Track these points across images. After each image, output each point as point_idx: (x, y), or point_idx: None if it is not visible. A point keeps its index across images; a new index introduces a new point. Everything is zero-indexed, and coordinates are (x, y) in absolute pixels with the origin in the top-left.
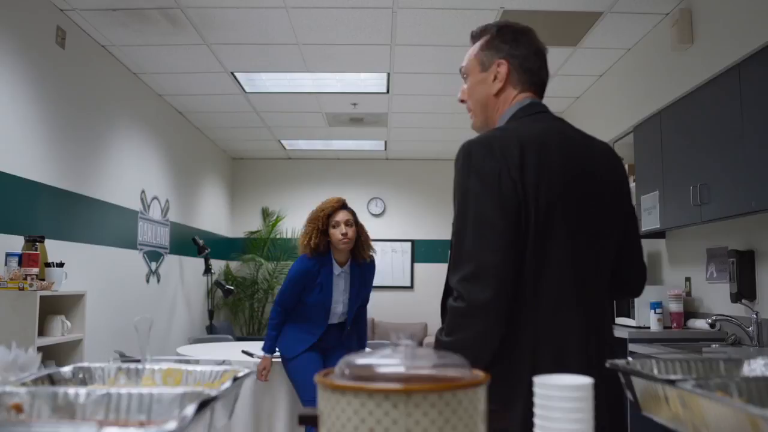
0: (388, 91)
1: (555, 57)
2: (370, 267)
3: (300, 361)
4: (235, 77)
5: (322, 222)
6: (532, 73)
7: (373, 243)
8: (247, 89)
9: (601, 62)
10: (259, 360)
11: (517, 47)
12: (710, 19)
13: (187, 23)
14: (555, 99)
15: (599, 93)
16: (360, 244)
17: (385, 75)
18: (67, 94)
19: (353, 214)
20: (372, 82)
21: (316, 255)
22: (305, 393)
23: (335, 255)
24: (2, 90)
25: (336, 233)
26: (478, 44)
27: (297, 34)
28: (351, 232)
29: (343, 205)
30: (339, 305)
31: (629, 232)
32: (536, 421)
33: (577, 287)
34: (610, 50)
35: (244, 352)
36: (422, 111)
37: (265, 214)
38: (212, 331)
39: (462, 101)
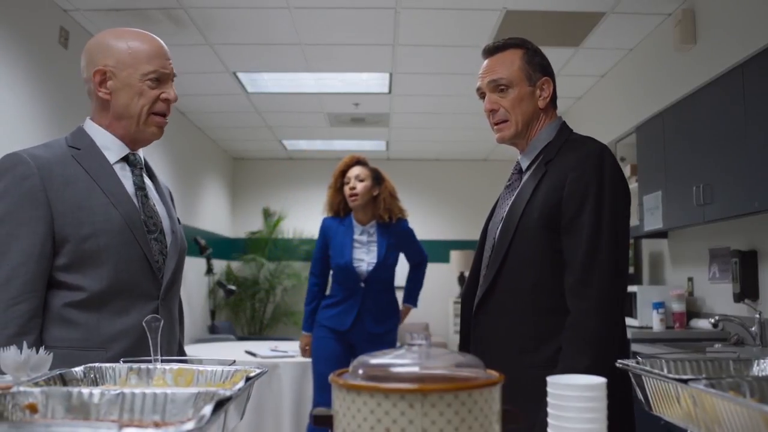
0: (390, 92)
1: (557, 57)
2: (400, 230)
3: (322, 352)
4: (237, 77)
5: (336, 179)
6: (556, 95)
7: None
8: (249, 89)
9: (603, 62)
10: (262, 359)
11: (550, 67)
12: (713, 19)
13: (190, 23)
14: (557, 99)
15: (601, 93)
16: (378, 201)
17: (387, 75)
18: (70, 95)
19: (373, 171)
20: (374, 82)
21: (336, 215)
22: (319, 392)
23: (354, 214)
24: (5, 90)
25: (346, 189)
26: (516, 57)
27: (299, 34)
28: (361, 187)
29: (357, 161)
30: (362, 264)
31: None
32: (550, 420)
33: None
34: (613, 50)
35: (247, 352)
36: (424, 111)
37: (267, 214)
38: (214, 331)
39: (492, 111)
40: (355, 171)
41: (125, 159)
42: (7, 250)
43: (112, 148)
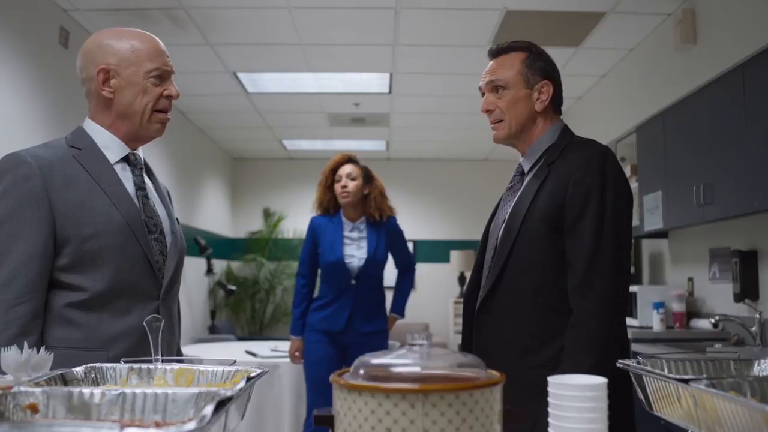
0: (390, 92)
1: (557, 57)
2: (389, 227)
3: (316, 355)
4: (237, 77)
5: (326, 177)
6: (562, 98)
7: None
8: (249, 89)
9: (603, 62)
10: (263, 360)
11: (554, 71)
12: (714, 19)
13: (190, 23)
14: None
15: (601, 93)
16: (369, 200)
17: (387, 75)
18: (70, 94)
19: (364, 169)
20: (374, 82)
21: (326, 212)
22: (314, 397)
23: (344, 211)
24: (5, 90)
25: (337, 187)
26: (518, 60)
27: (299, 34)
28: (352, 185)
29: (349, 160)
30: (353, 260)
31: None
32: (550, 420)
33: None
34: (613, 50)
35: (247, 352)
36: (424, 111)
37: (267, 214)
38: (214, 331)
39: (488, 111)
40: (347, 169)
41: (125, 159)
42: (9, 250)
43: (112, 148)
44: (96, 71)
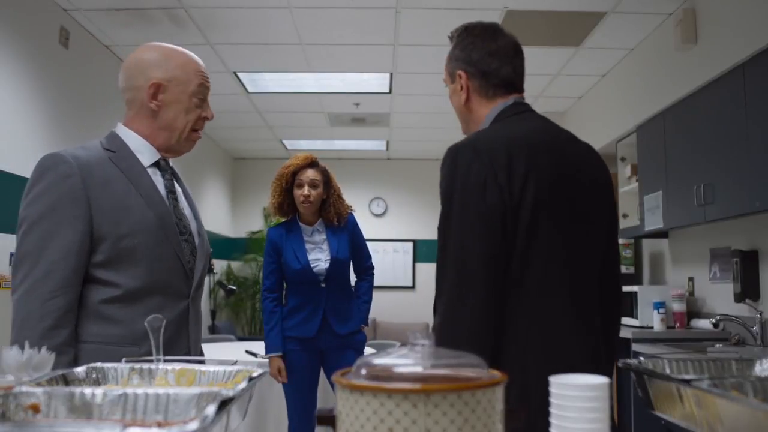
0: (390, 91)
1: (557, 57)
2: (349, 225)
3: (294, 364)
4: (237, 77)
5: (286, 180)
6: (491, 75)
7: (374, 243)
8: (250, 89)
9: (603, 62)
10: (263, 359)
11: (471, 52)
12: (714, 18)
13: (191, 23)
14: (557, 99)
15: (602, 93)
16: (327, 205)
17: (387, 75)
18: (71, 94)
19: (324, 173)
20: (374, 82)
21: (282, 215)
22: (295, 404)
23: (300, 216)
24: (5, 90)
25: (298, 194)
26: (448, 55)
27: (300, 34)
28: (314, 194)
29: (311, 163)
30: (319, 263)
31: (612, 240)
32: (552, 420)
33: (570, 289)
34: (613, 50)
35: (247, 352)
36: (424, 111)
37: (267, 214)
38: (214, 331)
39: None
40: (310, 174)
41: (156, 164)
42: (47, 246)
43: (144, 152)
44: (148, 84)
